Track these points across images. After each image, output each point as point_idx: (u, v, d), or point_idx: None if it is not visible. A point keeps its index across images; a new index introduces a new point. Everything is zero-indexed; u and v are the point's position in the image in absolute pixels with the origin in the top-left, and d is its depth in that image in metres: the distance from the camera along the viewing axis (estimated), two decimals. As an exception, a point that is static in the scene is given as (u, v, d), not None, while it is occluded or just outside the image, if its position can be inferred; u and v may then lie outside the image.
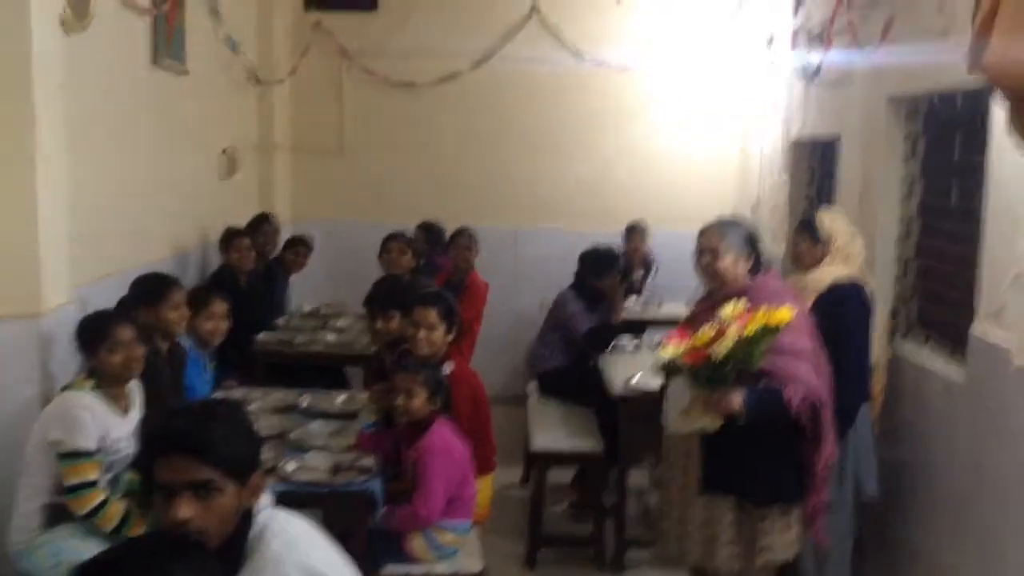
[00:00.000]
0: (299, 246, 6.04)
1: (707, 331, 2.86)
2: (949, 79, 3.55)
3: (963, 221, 3.73)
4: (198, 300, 4.20)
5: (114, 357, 3.07)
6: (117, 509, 2.97)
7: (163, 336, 3.72)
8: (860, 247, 3.94)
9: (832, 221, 3.94)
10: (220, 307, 4.18)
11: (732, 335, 2.77)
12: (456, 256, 5.85)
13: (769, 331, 2.83)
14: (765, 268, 3.30)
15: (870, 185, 4.42)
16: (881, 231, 4.29)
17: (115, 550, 1.63)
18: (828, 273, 3.78)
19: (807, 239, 3.90)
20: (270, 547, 1.96)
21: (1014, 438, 3.00)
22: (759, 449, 3.04)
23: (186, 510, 1.87)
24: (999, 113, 2.98)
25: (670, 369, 2.90)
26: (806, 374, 3.01)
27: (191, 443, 1.89)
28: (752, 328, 2.79)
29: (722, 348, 2.78)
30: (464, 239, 5.88)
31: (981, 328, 3.26)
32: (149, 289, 3.76)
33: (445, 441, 3.40)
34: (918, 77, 3.92)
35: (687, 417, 2.94)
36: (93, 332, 3.09)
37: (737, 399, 2.92)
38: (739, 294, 3.08)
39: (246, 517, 1.98)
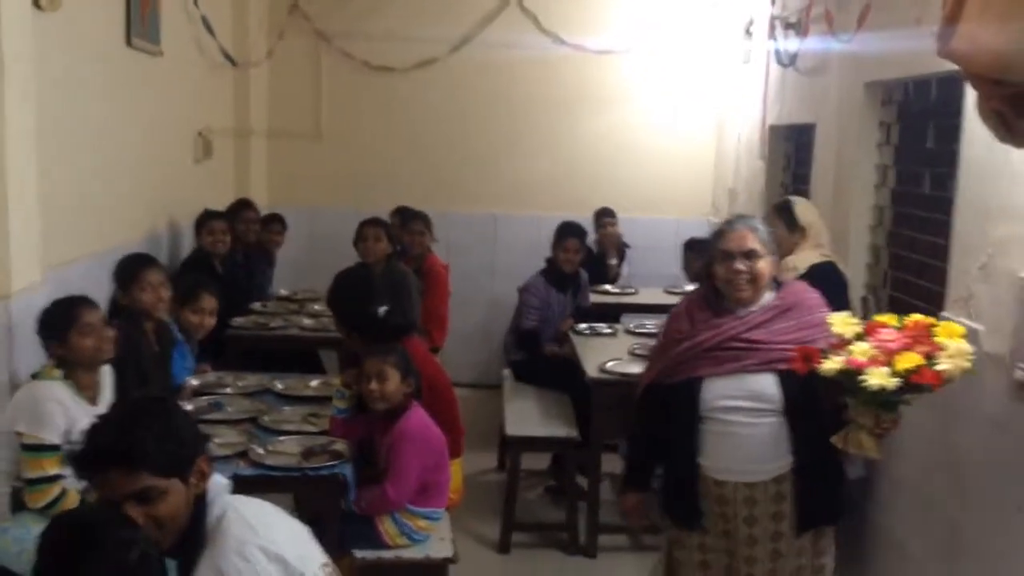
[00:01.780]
0: (274, 223, 6.02)
1: (876, 350, 2.44)
2: (923, 66, 3.57)
3: (935, 209, 3.76)
4: (187, 292, 4.17)
5: (86, 340, 3.03)
6: (73, 500, 2.94)
7: (145, 316, 3.69)
8: (827, 237, 4.04)
9: (804, 209, 4.03)
10: (209, 302, 4.16)
11: (955, 348, 2.42)
12: (411, 242, 5.78)
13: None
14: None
15: (844, 172, 4.45)
16: (854, 218, 4.31)
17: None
18: (804, 259, 3.87)
19: (782, 226, 3.94)
20: (231, 531, 1.96)
21: (982, 423, 3.03)
22: (840, 467, 2.79)
23: (133, 517, 1.86)
24: (972, 101, 3.00)
25: (875, 396, 2.44)
26: None
27: (120, 457, 1.88)
28: (954, 337, 2.45)
29: (947, 363, 2.41)
30: (417, 224, 5.80)
31: (951, 313, 3.29)
32: (122, 270, 3.75)
33: (421, 426, 3.40)
34: (893, 64, 3.94)
35: (852, 445, 2.53)
36: (61, 317, 3.06)
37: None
38: (787, 305, 2.80)
39: (200, 503, 1.98)
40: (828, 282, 3.64)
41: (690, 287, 6.07)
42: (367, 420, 3.48)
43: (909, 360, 2.38)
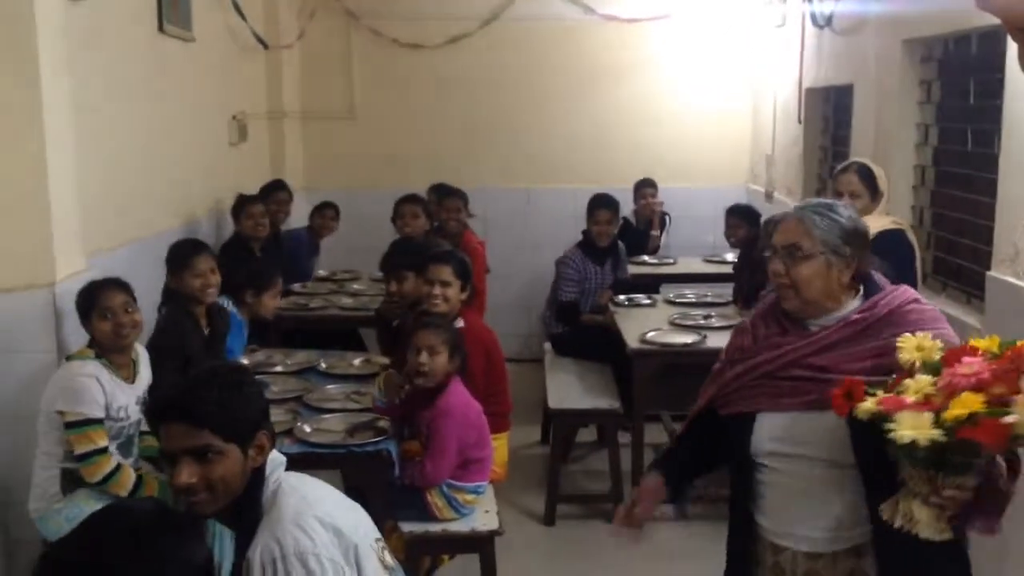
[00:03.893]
0: (326, 209, 6.06)
1: (936, 386, 1.81)
2: (962, 22, 3.50)
3: (979, 166, 3.69)
4: (265, 277, 4.22)
5: (103, 324, 3.06)
6: (129, 475, 3.01)
7: (192, 302, 3.72)
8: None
9: (880, 173, 3.84)
10: (280, 284, 4.28)
11: None
12: (448, 219, 5.72)
13: None
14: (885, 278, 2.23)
15: (884, 132, 4.37)
16: (896, 179, 4.24)
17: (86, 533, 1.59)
18: (874, 224, 3.72)
19: (866, 189, 3.72)
20: (288, 503, 2.00)
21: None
22: (943, 546, 1.92)
23: (187, 475, 1.90)
24: (1014, 55, 2.93)
25: (911, 453, 1.80)
26: None
27: (181, 411, 1.92)
28: None
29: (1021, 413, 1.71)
30: (455, 201, 5.74)
31: (998, 271, 3.23)
32: (174, 256, 3.79)
33: (461, 402, 3.42)
34: (931, 21, 3.86)
35: (902, 517, 1.88)
36: (84, 300, 3.11)
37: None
38: (873, 318, 2.10)
39: (258, 476, 2.02)
40: (898, 252, 3.49)
41: (731, 255, 6.05)
42: (408, 398, 3.50)
43: (965, 405, 1.74)
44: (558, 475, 4.59)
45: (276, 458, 2.09)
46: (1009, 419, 1.69)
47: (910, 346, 1.92)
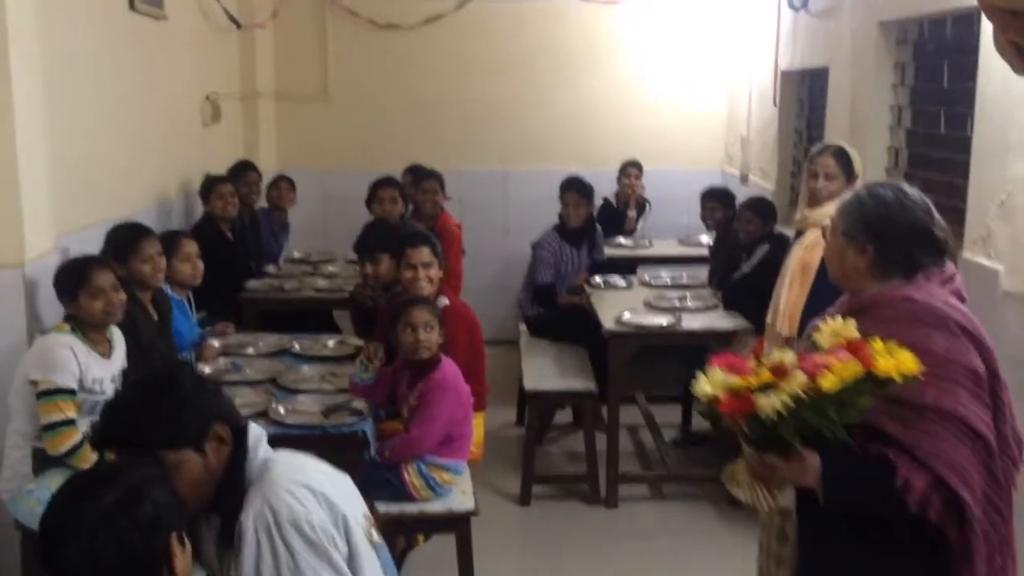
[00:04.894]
0: (280, 182, 6.00)
1: (774, 360, 1.86)
2: (938, 3, 3.52)
3: (952, 148, 3.71)
4: (168, 244, 4.14)
5: (95, 303, 3.04)
6: (91, 453, 2.95)
7: (140, 287, 3.65)
8: None
9: (856, 155, 3.82)
10: (191, 247, 4.09)
11: (794, 383, 1.79)
12: (424, 201, 5.69)
13: (870, 384, 1.80)
14: (931, 268, 2.12)
15: (859, 114, 4.39)
16: (870, 161, 4.26)
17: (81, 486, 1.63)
18: None
19: (841, 171, 3.71)
20: (276, 470, 2.01)
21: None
22: (872, 556, 2.01)
23: None
24: (988, 38, 2.95)
25: (711, 413, 1.90)
26: (950, 451, 1.91)
27: (119, 440, 1.92)
28: (833, 381, 1.77)
29: (772, 402, 1.79)
30: (431, 183, 5.70)
31: (971, 253, 3.26)
32: (119, 242, 3.69)
33: (455, 378, 3.45)
34: (907, 3, 3.88)
35: (731, 482, 1.99)
36: (72, 278, 3.07)
37: (810, 470, 1.91)
38: (861, 305, 2.09)
39: (236, 461, 2.01)
40: None
41: (705, 238, 6.07)
42: (393, 375, 3.49)
43: (755, 375, 1.83)
44: (533, 456, 4.60)
45: (255, 431, 2.08)
46: (757, 398, 1.79)
47: (826, 330, 1.92)
